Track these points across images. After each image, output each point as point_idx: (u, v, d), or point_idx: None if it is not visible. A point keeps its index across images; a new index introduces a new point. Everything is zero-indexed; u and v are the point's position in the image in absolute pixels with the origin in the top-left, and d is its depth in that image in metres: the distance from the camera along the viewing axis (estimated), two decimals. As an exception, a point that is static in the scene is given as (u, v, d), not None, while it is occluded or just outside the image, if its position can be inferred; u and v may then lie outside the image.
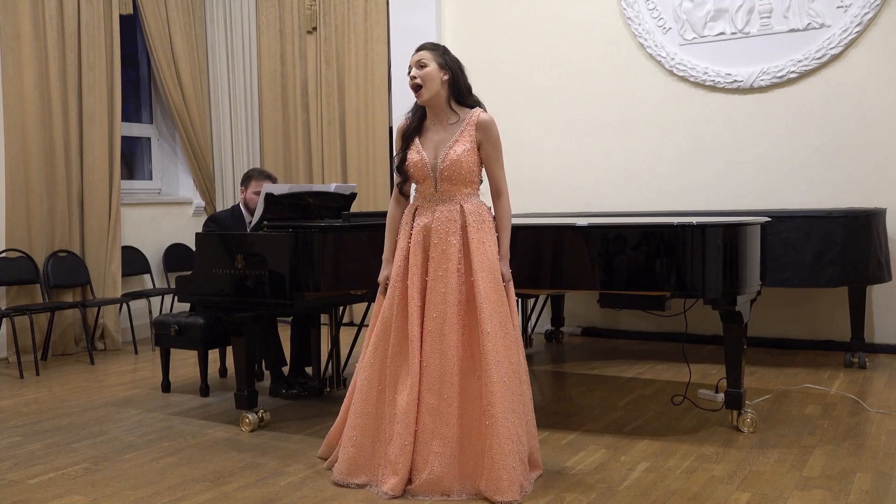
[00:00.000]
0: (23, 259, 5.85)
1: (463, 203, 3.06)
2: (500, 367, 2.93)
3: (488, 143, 3.06)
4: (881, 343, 5.33)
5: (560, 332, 6.13)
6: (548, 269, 3.75)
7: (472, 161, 3.05)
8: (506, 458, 2.87)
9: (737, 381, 3.68)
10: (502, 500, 2.85)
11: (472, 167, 3.05)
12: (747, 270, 3.66)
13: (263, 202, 4.02)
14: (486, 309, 2.95)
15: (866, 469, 3.17)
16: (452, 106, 3.10)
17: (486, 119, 3.08)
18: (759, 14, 5.58)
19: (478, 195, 3.13)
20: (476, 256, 3.00)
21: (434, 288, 3.02)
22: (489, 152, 3.08)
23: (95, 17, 6.35)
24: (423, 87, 3.05)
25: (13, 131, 5.85)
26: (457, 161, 3.02)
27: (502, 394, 2.91)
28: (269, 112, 7.33)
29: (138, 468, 3.41)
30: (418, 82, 3.04)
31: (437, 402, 2.97)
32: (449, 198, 3.07)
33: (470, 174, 3.05)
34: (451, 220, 3.04)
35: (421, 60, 3.05)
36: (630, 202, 5.96)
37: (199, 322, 4.60)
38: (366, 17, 6.84)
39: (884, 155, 5.27)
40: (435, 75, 3.04)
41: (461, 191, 3.06)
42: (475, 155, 3.06)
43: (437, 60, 3.05)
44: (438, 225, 3.05)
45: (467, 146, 3.03)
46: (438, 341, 2.99)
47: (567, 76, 6.24)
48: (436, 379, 2.98)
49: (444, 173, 3.04)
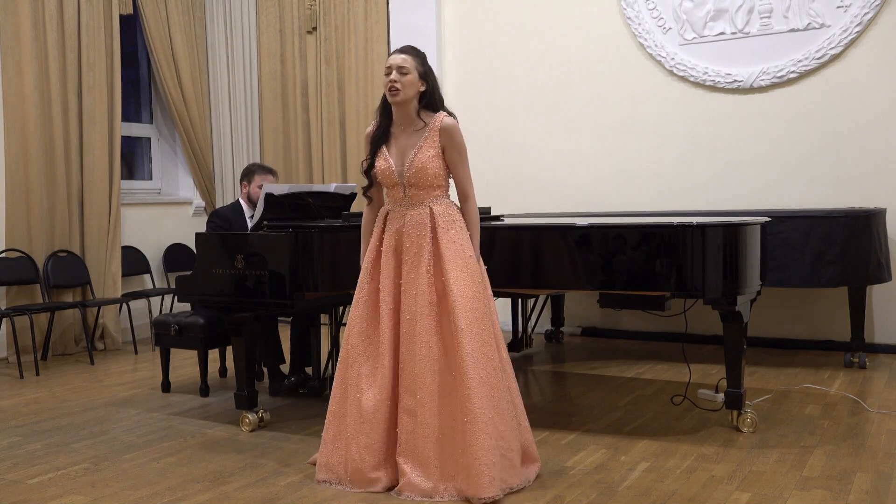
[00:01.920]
0: (23, 259, 5.85)
1: (432, 205, 3.09)
2: (478, 363, 2.94)
3: (452, 147, 3.08)
4: (881, 343, 5.33)
5: (560, 332, 6.13)
6: (548, 269, 3.75)
7: (438, 166, 3.08)
8: (486, 455, 2.87)
9: (737, 381, 3.68)
10: (483, 497, 2.85)
11: (437, 171, 3.08)
12: (747, 270, 3.66)
13: (263, 202, 4.02)
14: (460, 305, 2.97)
15: (866, 469, 3.17)
16: (420, 114, 3.11)
17: (448, 124, 3.08)
18: (759, 14, 5.58)
19: (447, 196, 3.16)
20: (447, 255, 3.03)
21: (407, 290, 3.07)
22: (453, 156, 3.10)
23: (95, 17, 6.35)
24: (400, 92, 3.05)
25: (13, 131, 5.85)
26: (422, 168, 3.05)
27: (480, 390, 2.92)
28: (269, 112, 7.33)
29: (138, 468, 3.42)
30: (397, 87, 3.05)
31: (413, 404, 3.00)
32: (418, 202, 3.10)
33: (436, 178, 3.09)
34: (422, 224, 3.07)
35: (403, 67, 3.05)
36: (630, 202, 5.96)
37: (199, 322, 4.60)
38: (366, 17, 6.84)
39: (884, 155, 5.27)
40: (414, 83, 3.06)
41: (430, 194, 3.10)
42: (440, 160, 3.08)
43: (418, 69, 3.07)
44: (409, 229, 3.09)
45: (432, 152, 3.06)
46: (411, 342, 3.03)
47: (567, 76, 6.24)
48: (410, 380, 3.01)
49: (410, 179, 3.07)
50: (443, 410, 2.98)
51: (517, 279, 3.86)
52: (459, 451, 2.94)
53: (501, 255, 3.82)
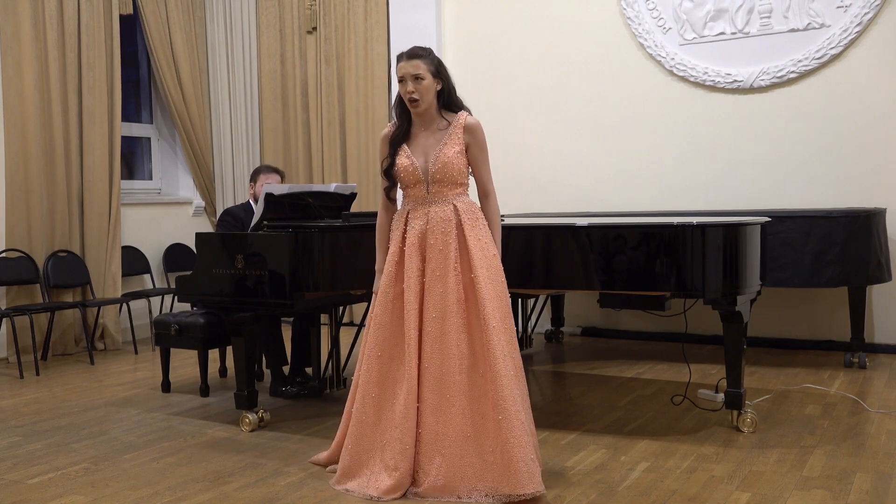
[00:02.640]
0: (23, 259, 5.85)
1: (455, 202, 3.09)
2: (507, 361, 2.93)
3: (475, 145, 3.11)
4: (881, 343, 5.33)
5: (560, 332, 6.13)
6: (548, 269, 3.75)
7: (462, 163, 3.09)
8: (523, 451, 2.85)
9: (737, 381, 3.67)
10: (524, 493, 2.83)
11: (461, 168, 3.09)
12: (747, 270, 3.66)
13: (263, 202, 4.02)
14: (489, 304, 2.96)
15: (866, 469, 3.17)
16: (442, 112, 3.12)
17: (473, 122, 3.11)
18: (759, 14, 5.58)
19: (467, 195, 3.16)
20: (475, 253, 3.02)
21: (432, 288, 3.03)
22: (476, 154, 3.12)
23: (95, 17, 6.35)
24: (419, 100, 3.04)
25: (13, 131, 5.85)
26: (448, 163, 3.05)
27: (512, 388, 2.91)
28: (269, 112, 7.33)
29: (138, 468, 3.41)
30: (415, 97, 3.04)
31: (438, 402, 2.97)
32: (441, 199, 3.09)
33: (460, 175, 3.10)
34: (447, 220, 3.06)
35: (417, 73, 3.03)
36: (630, 202, 5.96)
37: (199, 322, 4.60)
38: (366, 17, 6.84)
39: (884, 155, 5.27)
40: (431, 87, 3.06)
41: (453, 191, 3.10)
42: (464, 157, 3.10)
43: (430, 70, 3.06)
44: (434, 225, 3.06)
45: (457, 148, 3.07)
46: (439, 341, 2.99)
47: (567, 76, 6.24)
48: (437, 379, 2.97)
49: (435, 175, 3.07)
50: (473, 409, 2.96)
51: (517, 279, 3.84)
52: (489, 449, 2.91)
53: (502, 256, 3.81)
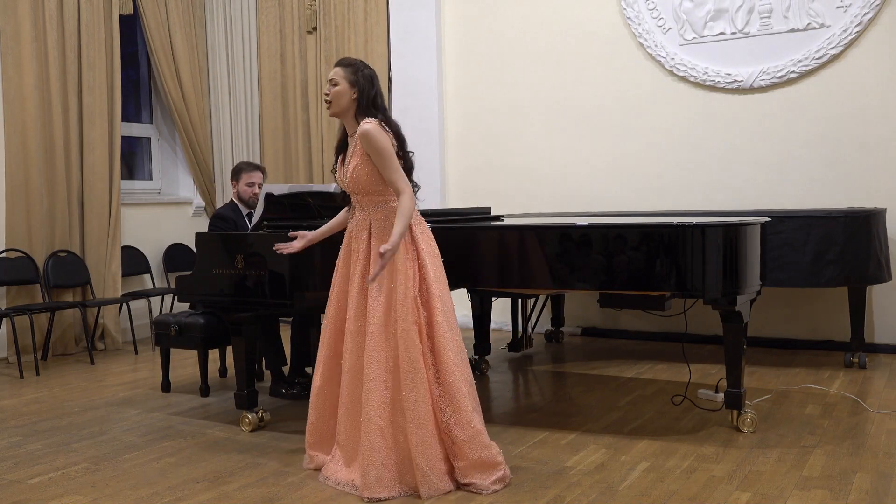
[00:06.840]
0: (23, 259, 5.85)
1: (373, 211, 3.17)
2: (379, 366, 3.05)
3: (372, 152, 3.09)
4: (881, 343, 5.33)
5: (560, 332, 6.13)
6: (548, 269, 3.75)
7: (367, 172, 3.12)
8: (374, 455, 2.98)
9: (737, 381, 3.68)
10: (367, 497, 2.96)
11: (369, 177, 3.12)
12: (747, 270, 3.66)
13: (263, 202, 4.02)
14: (372, 309, 3.08)
15: (866, 469, 3.17)
16: (358, 120, 3.18)
17: (364, 130, 3.09)
18: (759, 14, 5.58)
19: (390, 201, 3.15)
20: (373, 262, 3.11)
21: (350, 292, 3.20)
22: (376, 161, 3.10)
23: (95, 17, 6.35)
24: (330, 103, 3.18)
25: (13, 131, 5.85)
26: (352, 176, 3.15)
27: (378, 391, 3.03)
28: (269, 112, 7.33)
29: (138, 468, 3.42)
30: (328, 99, 3.19)
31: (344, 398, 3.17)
32: (363, 206, 3.20)
33: (370, 185, 3.14)
34: (363, 228, 3.19)
35: (333, 78, 3.17)
36: (630, 202, 5.96)
37: (199, 322, 4.60)
38: (366, 17, 6.84)
39: (884, 155, 5.27)
40: (344, 93, 3.15)
41: (372, 199, 3.18)
42: (369, 166, 3.11)
43: (348, 78, 3.15)
44: (353, 231, 3.23)
45: (358, 160, 3.13)
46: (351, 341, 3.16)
47: (567, 76, 6.24)
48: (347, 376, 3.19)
49: (350, 187, 3.19)
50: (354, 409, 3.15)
51: (517, 279, 3.86)
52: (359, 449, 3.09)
53: (502, 255, 3.82)
